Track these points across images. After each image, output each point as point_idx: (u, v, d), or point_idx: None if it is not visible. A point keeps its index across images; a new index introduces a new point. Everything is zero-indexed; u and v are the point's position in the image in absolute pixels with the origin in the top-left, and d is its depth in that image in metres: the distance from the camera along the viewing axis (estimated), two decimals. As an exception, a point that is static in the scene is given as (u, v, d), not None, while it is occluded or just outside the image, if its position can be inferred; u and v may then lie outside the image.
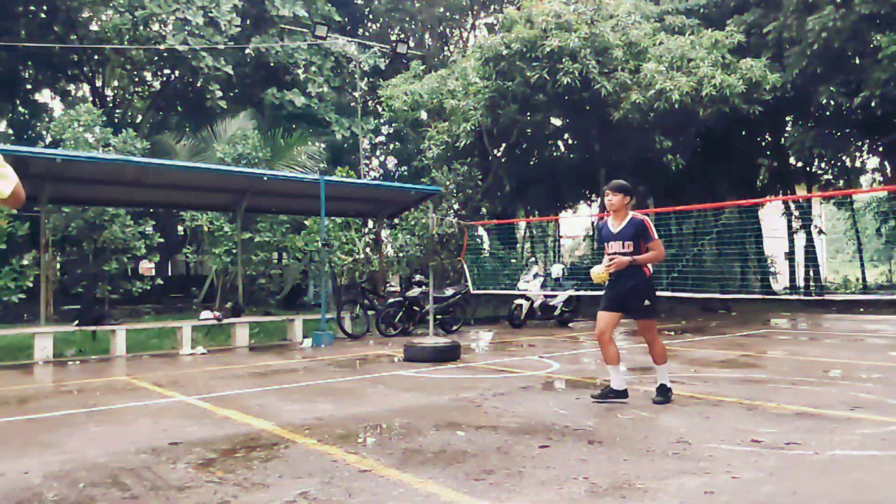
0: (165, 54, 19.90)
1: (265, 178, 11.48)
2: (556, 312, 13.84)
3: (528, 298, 13.58)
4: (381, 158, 32.02)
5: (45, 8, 21.81)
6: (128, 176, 10.53)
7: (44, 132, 25.88)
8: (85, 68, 24.69)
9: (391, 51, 22.01)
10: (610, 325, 5.39)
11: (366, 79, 24.71)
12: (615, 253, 5.37)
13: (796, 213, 23.86)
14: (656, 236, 5.36)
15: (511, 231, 22.67)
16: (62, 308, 13.58)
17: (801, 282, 23.94)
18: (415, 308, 12.30)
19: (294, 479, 3.51)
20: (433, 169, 18.30)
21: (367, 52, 22.87)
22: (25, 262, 11.88)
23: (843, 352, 9.01)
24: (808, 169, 23.74)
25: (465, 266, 13.61)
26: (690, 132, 17.81)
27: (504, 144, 19.54)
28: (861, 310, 17.18)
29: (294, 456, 3.98)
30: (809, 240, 22.78)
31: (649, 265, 5.41)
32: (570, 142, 21.84)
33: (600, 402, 5.39)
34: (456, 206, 18.18)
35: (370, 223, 16.17)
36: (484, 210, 19.62)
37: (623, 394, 5.41)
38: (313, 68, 22.84)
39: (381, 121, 25.40)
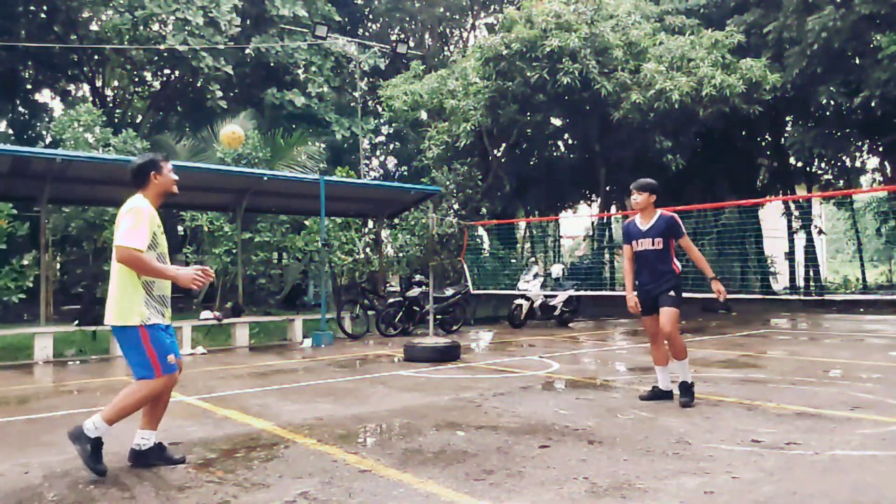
0: (165, 54, 19.89)
1: (265, 178, 11.48)
2: (556, 312, 13.84)
3: (528, 298, 13.58)
4: (381, 158, 32.02)
5: (45, 8, 21.79)
6: (128, 176, 10.52)
7: (44, 132, 25.90)
8: (85, 68, 24.69)
9: (391, 51, 22.02)
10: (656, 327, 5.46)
11: (366, 79, 24.72)
12: (645, 250, 5.43)
13: (796, 213, 23.85)
14: (685, 231, 5.46)
15: (511, 231, 22.68)
16: (62, 308, 13.58)
17: (801, 282, 23.93)
18: (415, 308, 12.30)
19: (294, 479, 3.52)
20: (433, 169, 18.29)
21: (367, 52, 22.88)
22: (25, 262, 11.88)
23: (843, 352, 9.01)
24: (808, 169, 23.74)
25: (465, 266, 13.61)
26: (690, 132, 17.81)
27: (504, 144, 19.54)
28: (861, 310, 17.19)
29: (294, 456, 3.98)
30: (809, 240, 22.78)
31: (677, 263, 5.46)
32: (570, 142, 21.84)
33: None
34: (456, 206, 18.17)
35: (370, 223, 16.16)
36: (484, 210, 19.62)
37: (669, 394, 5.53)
38: (313, 68, 22.83)
39: (381, 121, 25.41)
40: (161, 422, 4.99)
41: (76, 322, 9.86)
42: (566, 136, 21.17)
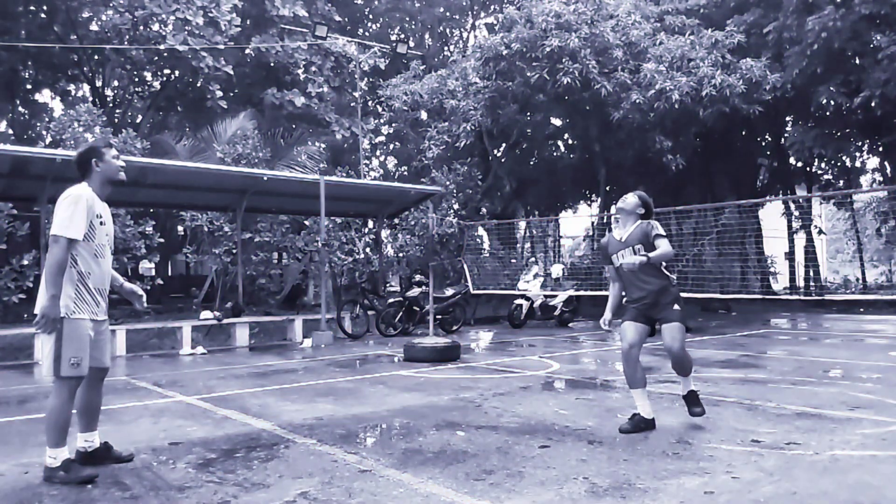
0: (165, 54, 19.88)
1: (265, 178, 11.47)
2: (556, 312, 13.84)
3: (528, 298, 13.59)
4: (381, 158, 32.01)
5: (45, 8, 21.79)
6: (128, 176, 10.52)
7: (44, 132, 25.89)
8: (85, 68, 24.68)
9: (391, 51, 22.01)
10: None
11: (366, 79, 24.70)
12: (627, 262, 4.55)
13: (796, 213, 23.84)
14: (662, 233, 4.61)
15: (511, 231, 22.67)
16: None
17: (801, 282, 23.94)
18: (415, 308, 12.30)
19: (294, 479, 3.52)
20: (433, 169, 18.30)
21: (367, 52, 22.87)
22: (25, 262, 11.87)
23: (843, 352, 9.01)
24: (808, 169, 23.73)
25: (465, 266, 13.61)
26: (690, 132, 17.80)
27: (504, 144, 19.55)
28: (861, 310, 17.19)
29: (294, 456, 3.98)
30: (809, 240, 22.78)
31: (666, 272, 4.69)
32: (570, 142, 21.85)
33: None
34: (456, 206, 18.17)
35: (370, 223, 16.15)
36: (484, 210, 19.62)
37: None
38: (313, 68, 22.82)
39: (381, 121, 25.40)
40: (161, 422, 5.01)
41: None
42: (566, 136, 21.18)
